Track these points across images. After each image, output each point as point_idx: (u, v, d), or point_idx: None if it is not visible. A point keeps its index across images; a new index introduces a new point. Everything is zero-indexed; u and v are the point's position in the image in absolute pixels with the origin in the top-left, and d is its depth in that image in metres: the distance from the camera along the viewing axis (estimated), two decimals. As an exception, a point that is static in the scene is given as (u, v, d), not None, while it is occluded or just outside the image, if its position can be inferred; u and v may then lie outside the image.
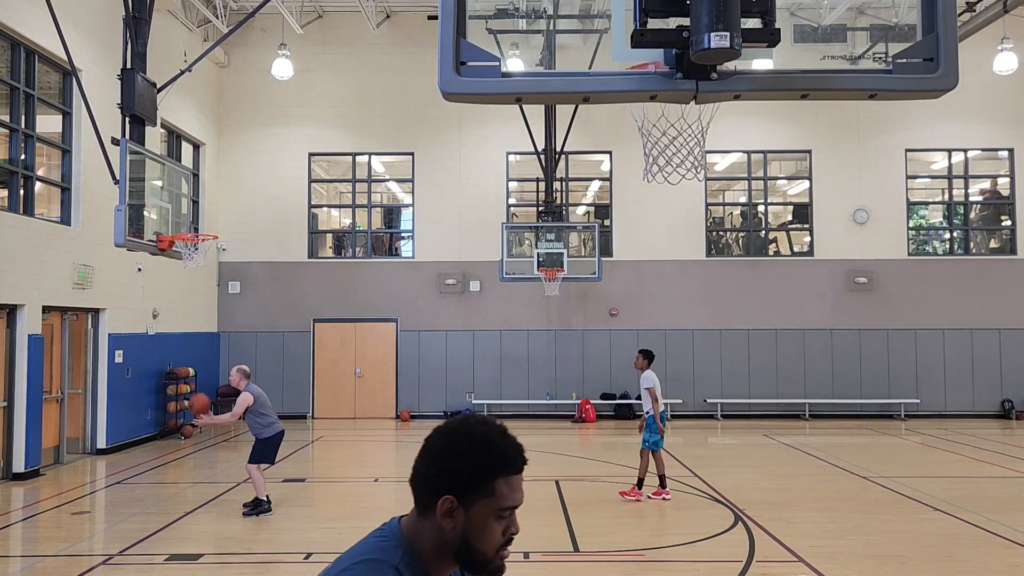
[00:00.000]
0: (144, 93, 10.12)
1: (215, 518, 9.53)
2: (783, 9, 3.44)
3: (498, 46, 4.50)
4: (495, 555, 1.85)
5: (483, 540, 1.82)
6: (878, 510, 9.63)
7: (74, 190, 13.67)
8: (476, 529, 1.81)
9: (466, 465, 1.80)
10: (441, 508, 1.80)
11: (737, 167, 20.38)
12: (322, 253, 20.43)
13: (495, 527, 1.82)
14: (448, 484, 1.80)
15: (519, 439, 1.86)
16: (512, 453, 1.83)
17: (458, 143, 19.76)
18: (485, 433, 1.83)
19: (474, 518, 1.80)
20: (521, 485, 1.85)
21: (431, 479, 1.83)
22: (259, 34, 19.53)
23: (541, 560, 7.57)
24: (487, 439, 1.82)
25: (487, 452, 1.81)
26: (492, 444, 1.82)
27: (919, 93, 3.54)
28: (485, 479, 1.80)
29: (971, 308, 19.32)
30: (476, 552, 1.83)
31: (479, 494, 1.80)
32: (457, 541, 1.81)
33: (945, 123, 19.53)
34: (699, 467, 12.44)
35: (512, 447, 1.83)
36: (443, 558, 1.84)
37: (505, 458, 1.82)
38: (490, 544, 1.83)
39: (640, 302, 19.46)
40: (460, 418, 1.88)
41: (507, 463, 1.82)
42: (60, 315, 13.58)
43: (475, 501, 1.80)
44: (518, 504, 1.84)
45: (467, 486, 1.79)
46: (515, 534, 1.87)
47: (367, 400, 19.60)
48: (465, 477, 1.79)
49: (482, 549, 1.83)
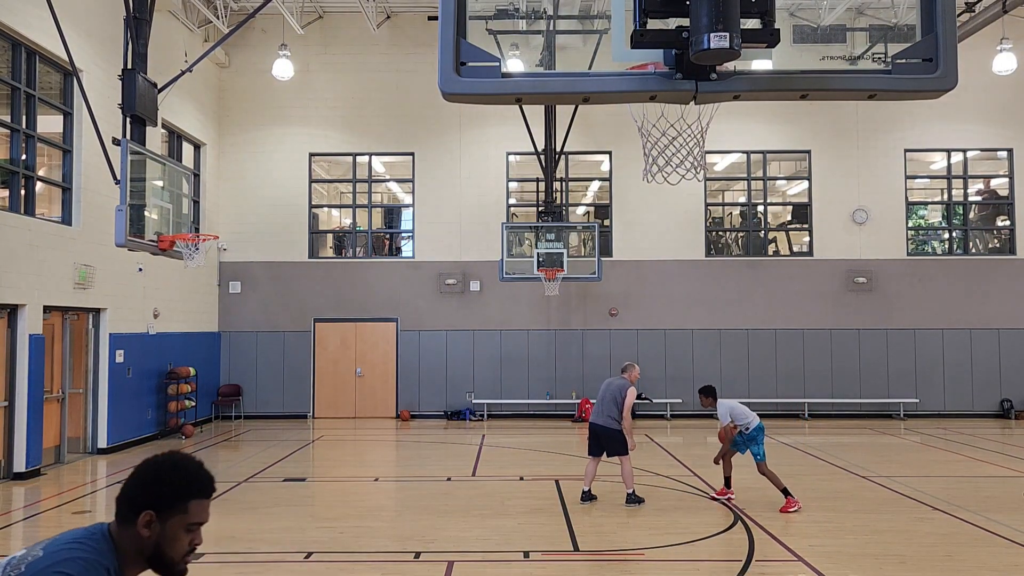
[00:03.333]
0: (145, 93, 10.12)
1: (215, 517, 9.49)
2: (783, 9, 3.45)
3: (498, 46, 4.51)
4: (181, 560, 2.29)
5: (173, 548, 2.26)
6: (877, 509, 9.64)
7: (75, 190, 13.69)
8: (169, 539, 2.25)
9: (168, 488, 2.24)
10: (142, 520, 2.22)
11: (736, 167, 20.39)
12: (322, 253, 20.44)
13: (184, 538, 2.27)
14: (150, 502, 2.23)
15: (524, 437, 1.93)
16: (205, 481, 2.30)
17: (458, 143, 19.78)
18: (185, 465, 2.29)
19: (168, 530, 2.24)
20: (208, 507, 2.31)
21: (138, 497, 2.24)
22: (260, 34, 19.54)
23: (541, 560, 7.58)
24: (187, 470, 2.28)
25: (186, 479, 2.26)
26: (190, 473, 2.28)
27: (918, 93, 3.56)
28: (181, 500, 2.24)
29: (970, 308, 19.33)
30: (166, 558, 2.26)
31: (174, 511, 2.24)
32: (151, 548, 2.24)
33: (944, 123, 19.54)
34: (699, 467, 12.46)
35: (206, 477, 2.31)
36: (137, 561, 2.27)
37: (200, 485, 2.28)
38: (178, 552, 2.27)
39: (640, 302, 19.47)
40: (167, 452, 2.34)
41: (200, 489, 2.28)
42: (61, 315, 13.59)
43: (170, 517, 2.24)
44: (205, 521, 2.30)
45: (166, 504, 2.23)
46: (199, 544, 2.32)
47: (367, 400, 19.62)
48: (166, 497, 2.23)
49: (171, 555, 2.27)
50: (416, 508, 9.95)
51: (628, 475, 9.84)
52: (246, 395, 19.40)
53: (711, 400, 9.97)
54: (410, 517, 9.42)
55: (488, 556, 7.70)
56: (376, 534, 8.64)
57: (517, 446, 15.19)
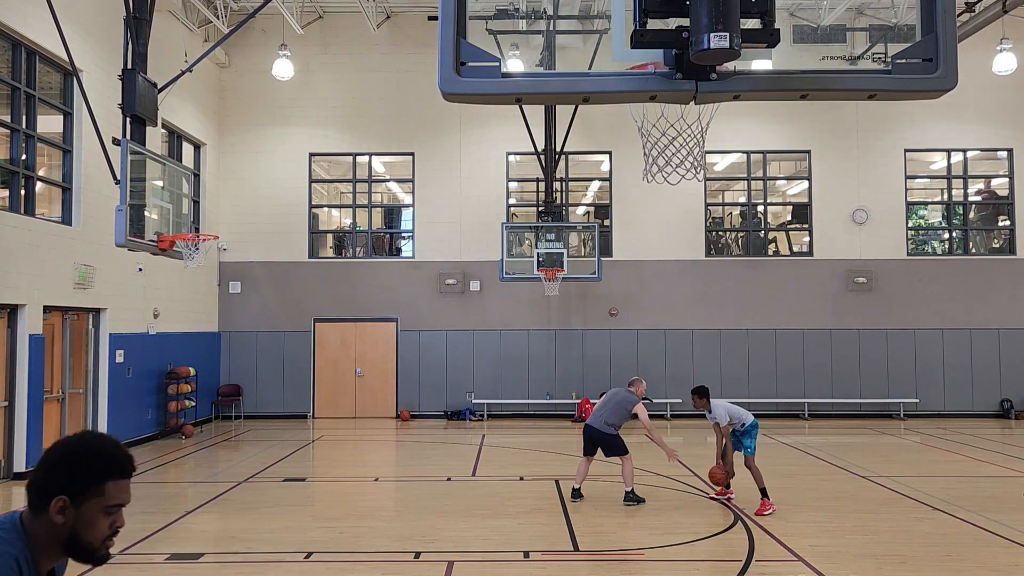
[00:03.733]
0: (145, 93, 10.12)
1: (216, 517, 9.55)
2: (783, 9, 3.45)
3: (498, 46, 4.52)
4: (101, 545, 2.16)
5: (91, 533, 2.13)
6: (877, 509, 9.64)
7: (75, 190, 13.69)
8: (86, 524, 2.12)
9: (79, 470, 2.10)
10: (55, 507, 2.09)
11: (736, 167, 20.39)
12: (323, 253, 20.45)
13: (103, 522, 2.14)
14: (62, 486, 2.10)
15: (524, 437, 1.91)
16: (122, 461, 2.15)
17: (458, 143, 19.78)
18: (98, 445, 2.14)
19: (84, 515, 2.11)
20: (128, 487, 2.17)
21: (49, 482, 2.11)
22: (260, 34, 19.54)
23: (541, 560, 7.58)
24: (99, 449, 2.14)
25: (99, 460, 2.12)
26: (104, 453, 2.13)
27: (918, 93, 3.56)
28: (96, 482, 2.11)
29: (970, 308, 19.34)
30: (84, 543, 2.13)
31: (89, 494, 2.10)
32: (67, 534, 2.12)
33: (944, 123, 19.55)
34: (699, 467, 12.45)
35: (122, 456, 2.16)
36: (53, 549, 2.14)
37: (115, 464, 2.13)
38: (97, 536, 2.14)
39: (640, 302, 19.48)
40: (78, 433, 2.18)
41: (116, 469, 2.14)
42: (61, 315, 13.59)
43: (86, 501, 2.10)
44: (125, 503, 2.16)
45: (79, 488, 2.10)
46: (120, 527, 2.18)
47: (367, 400, 19.62)
48: (78, 480, 2.10)
49: (89, 540, 2.13)
50: (416, 508, 9.95)
51: (628, 475, 9.87)
52: (246, 395, 19.41)
53: (705, 401, 9.66)
54: (410, 517, 9.42)
55: (488, 556, 7.70)
56: (376, 534, 8.64)
57: (517, 446, 15.19)
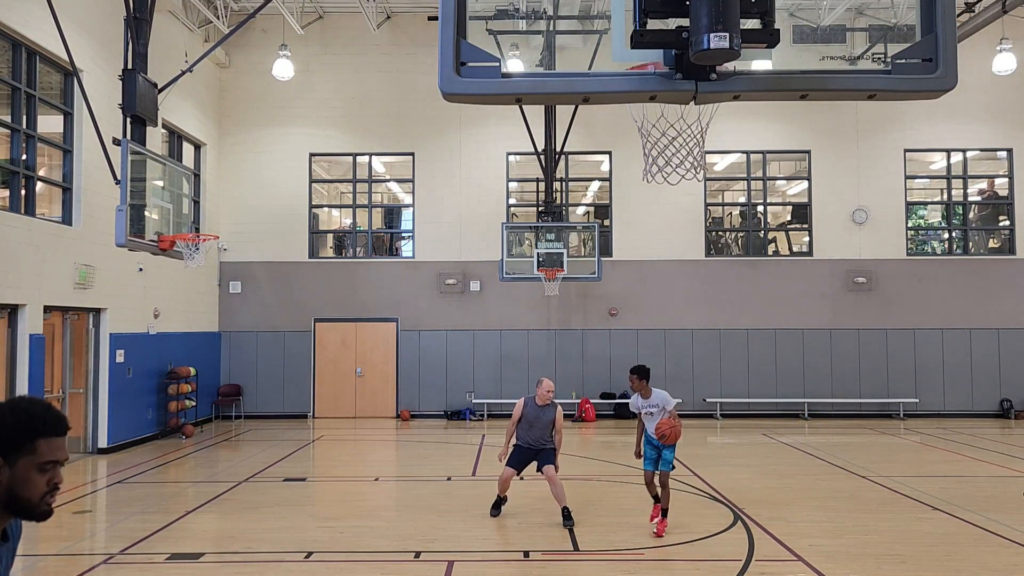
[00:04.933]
0: (145, 93, 10.13)
1: (216, 517, 9.55)
2: (782, 10, 3.45)
3: (498, 47, 4.52)
4: (40, 501, 2.24)
5: (27, 490, 2.21)
6: (877, 509, 9.65)
7: (75, 190, 13.69)
8: (21, 482, 2.20)
9: (9, 431, 2.19)
10: None
11: (736, 167, 20.40)
12: (323, 253, 20.45)
13: (38, 479, 2.22)
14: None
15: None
16: (52, 420, 2.25)
17: (458, 143, 19.78)
18: (27, 407, 2.24)
19: (19, 473, 2.20)
20: (64, 445, 2.27)
21: None
22: (260, 35, 19.55)
23: (541, 560, 7.59)
24: (27, 410, 2.23)
25: (27, 419, 2.21)
26: (32, 414, 2.23)
27: (918, 93, 3.56)
28: (27, 440, 2.20)
29: (970, 308, 19.34)
30: (22, 500, 2.22)
31: (21, 453, 2.19)
32: (4, 494, 2.20)
33: (944, 123, 19.56)
34: (698, 466, 12.45)
35: (52, 415, 2.26)
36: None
37: (45, 423, 2.23)
38: (34, 492, 2.23)
39: (640, 302, 19.48)
40: (10, 398, 2.28)
41: (47, 427, 2.23)
42: (61, 315, 13.59)
43: (19, 459, 2.20)
44: (59, 460, 2.26)
45: (10, 447, 2.19)
46: (59, 483, 2.27)
47: (367, 400, 19.62)
48: (8, 440, 2.18)
49: (27, 497, 2.22)
50: (416, 508, 9.95)
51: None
52: (246, 395, 19.41)
53: (645, 383, 8.38)
54: (410, 517, 9.42)
55: (488, 556, 7.71)
56: (376, 534, 8.64)
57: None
